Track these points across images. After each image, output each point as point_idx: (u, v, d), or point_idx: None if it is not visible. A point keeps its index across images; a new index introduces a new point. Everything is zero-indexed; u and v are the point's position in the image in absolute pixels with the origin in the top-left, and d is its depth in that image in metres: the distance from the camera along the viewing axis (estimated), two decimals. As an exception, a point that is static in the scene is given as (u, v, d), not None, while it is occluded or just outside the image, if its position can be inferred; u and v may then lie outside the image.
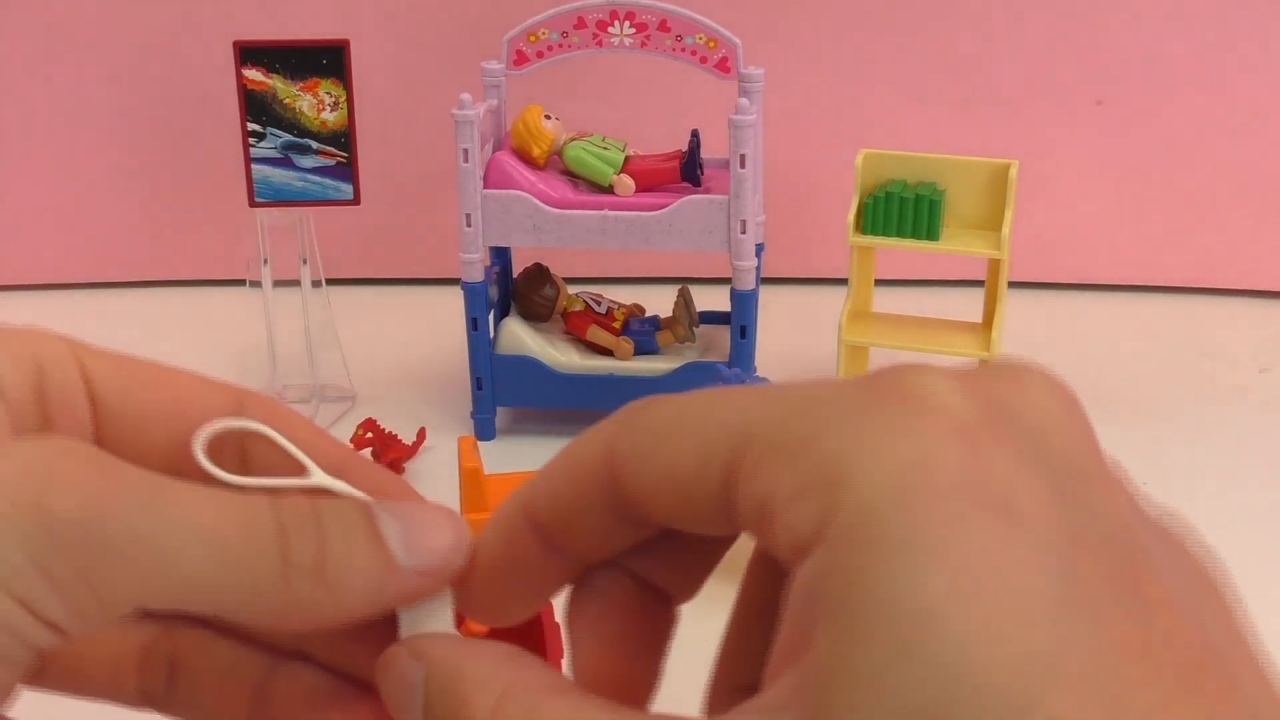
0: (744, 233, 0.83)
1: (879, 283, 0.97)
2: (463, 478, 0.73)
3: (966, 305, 0.96)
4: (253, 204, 0.86)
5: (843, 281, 0.94)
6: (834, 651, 0.21)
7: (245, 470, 0.29)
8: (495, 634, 0.63)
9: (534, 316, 0.91)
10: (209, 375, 0.31)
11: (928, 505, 0.21)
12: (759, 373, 0.91)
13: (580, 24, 0.85)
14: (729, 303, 0.86)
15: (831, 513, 0.21)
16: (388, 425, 0.85)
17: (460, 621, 0.63)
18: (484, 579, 0.29)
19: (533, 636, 0.60)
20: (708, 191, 0.85)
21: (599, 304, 0.91)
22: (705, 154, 0.86)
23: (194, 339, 1.06)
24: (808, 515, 0.22)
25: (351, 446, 0.32)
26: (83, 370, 0.29)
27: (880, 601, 0.20)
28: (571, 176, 0.87)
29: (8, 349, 0.28)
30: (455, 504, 0.75)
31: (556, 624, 0.59)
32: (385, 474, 0.31)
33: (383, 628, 0.28)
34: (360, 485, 0.29)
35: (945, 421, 0.22)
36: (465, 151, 0.82)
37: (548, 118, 0.87)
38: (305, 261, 0.90)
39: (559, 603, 0.67)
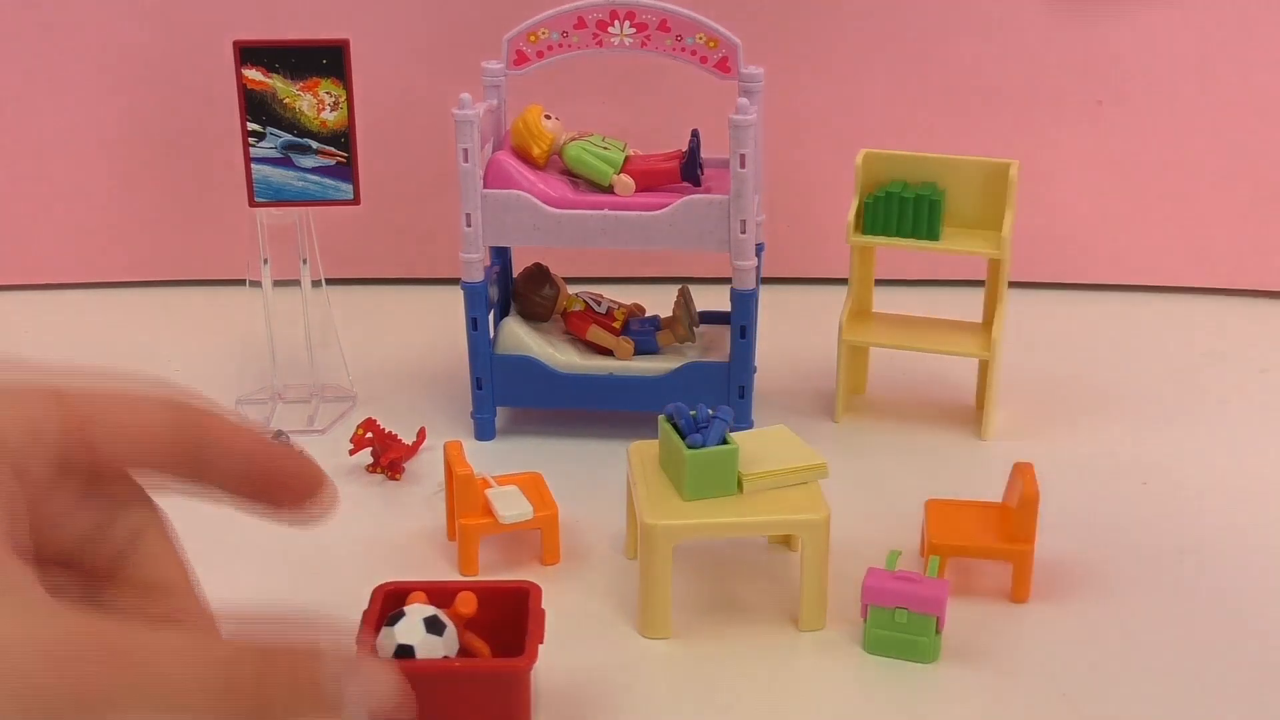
0: (744, 233, 0.83)
1: (879, 283, 0.97)
2: (456, 484, 0.74)
3: (966, 305, 0.96)
4: (253, 204, 0.86)
5: (843, 281, 0.94)
6: None
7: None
8: (483, 614, 0.64)
9: (534, 316, 0.91)
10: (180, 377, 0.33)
11: None
12: (758, 374, 0.91)
13: (580, 24, 0.85)
14: (729, 303, 0.86)
15: None
16: (388, 425, 0.85)
17: (449, 602, 0.64)
18: None
19: (518, 617, 0.61)
20: (708, 191, 0.85)
21: (599, 304, 0.91)
22: (705, 154, 0.86)
23: (194, 339, 1.06)
24: None
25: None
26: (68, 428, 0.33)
27: None
28: (571, 176, 0.87)
29: (26, 424, 0.32)
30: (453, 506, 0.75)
31: (542, 610, 0.60)
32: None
33: None
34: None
35: None
36: (465, 151, 0.82)
37: (548, 118, 0.87)
38: (305, 261, 0.90)
39: (547, 589, 0.67)
